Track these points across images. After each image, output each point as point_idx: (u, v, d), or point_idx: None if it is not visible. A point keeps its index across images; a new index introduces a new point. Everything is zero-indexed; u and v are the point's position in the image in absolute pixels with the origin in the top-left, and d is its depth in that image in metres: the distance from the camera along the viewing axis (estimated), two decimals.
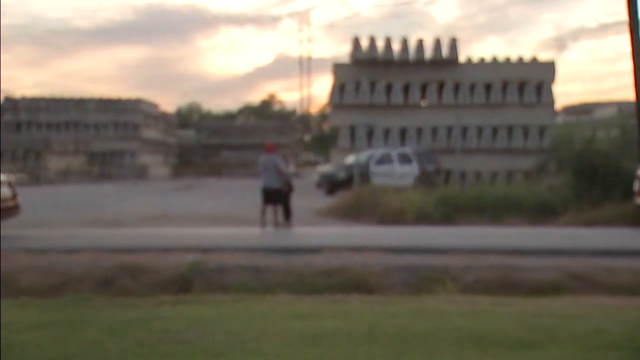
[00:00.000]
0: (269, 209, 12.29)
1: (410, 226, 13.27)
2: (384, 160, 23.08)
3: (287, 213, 12.27)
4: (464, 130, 28.28)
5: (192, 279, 7.46)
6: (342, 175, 22.69)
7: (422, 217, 14.12)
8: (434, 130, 28.67)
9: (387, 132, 28.46)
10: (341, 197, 17.16)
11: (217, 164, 52.52)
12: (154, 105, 51.55)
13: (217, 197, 22.63)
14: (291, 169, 12.95)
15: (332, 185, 22.56)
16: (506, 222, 13.54)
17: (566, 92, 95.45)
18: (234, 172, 48.62)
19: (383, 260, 8.20)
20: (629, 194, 12.59)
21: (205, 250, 8.95)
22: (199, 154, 56.03)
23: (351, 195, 16.47)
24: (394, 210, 14.23)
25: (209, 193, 25.12)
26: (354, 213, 15.15)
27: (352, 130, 28.34)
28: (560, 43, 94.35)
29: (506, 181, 23.82)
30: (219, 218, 14.87)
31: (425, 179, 21.92)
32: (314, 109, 74.22)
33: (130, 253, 8.75)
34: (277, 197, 12.07)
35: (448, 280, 7.30)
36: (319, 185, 23.49)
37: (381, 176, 22.01)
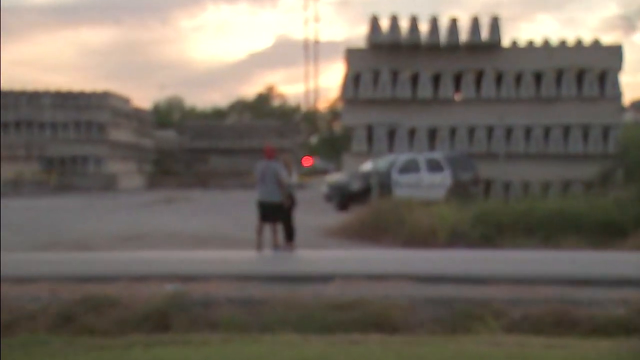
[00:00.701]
0: (267, 228, 12.46)
1: (442, 249, 13.40)
2: (409, 167, 23.36)
3: (289, 232, 12.45)
4: (509, 131, 28.22)
5: (171, 315, 7.54)
6: (357, 186, 22.95)
7: (457, 238, 14.24)
8: (471, 131, 28.65)
9: (412, 133, 28.52)
10: (356, 214, 17.34)
11: (204, 172, 52.70)
12: (125, 100, 51.80)
13: (203, 213, 22.85)
14: (294, 178, 13.10)
15: (345, 198, 22.92)
16: (562, 245, 13.62)
17: (636, 83, 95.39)
18: (225, 182, 48.80)
19: (409, 291, 8.27)
20: None
21: (188, 278, 9.05)
22: (181, 160, 56.36)
23: (369, 210, 16.55)
24: (421, 230, 14.37)
25: (193, 208, 25.37)
26: (372, 233, 15.28)
27: (370, 130, 28.39)
28: (628, 23, 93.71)
29: (561, 194, 23.91)
30: (205, 239, 15.02)
31: (460, 191, 22.18)
32: (323, 105, 74.92)
33: (96, 282, 8.82)
34: (277, 212, 12.25)
35: (490, 316, 7.37)
36: (329, 198, 23.88)
37: (405, 187, 22.30)
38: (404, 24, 28.58)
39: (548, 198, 19.70)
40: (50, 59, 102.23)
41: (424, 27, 28.60)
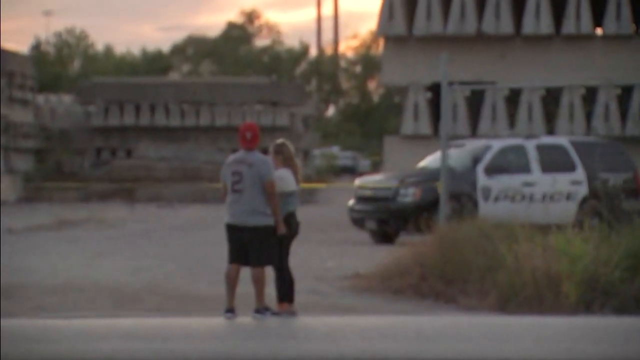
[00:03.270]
0: (246, 275, 12.34)
1: (575, 316, 13.35)
2: (509, 163, 23.21)
3: (285, 283, 12.48)
4: None
5: None
6: (411, 197, 22.72)
7: (600, 297, 13.90)
8: (626, 94, 28.48)
9: (512, 100, 28.62)
10: (410, 248, 16.93)
11: (127, 171, 51.67)
12: None
13: (128, 247, 23.28)
14: (292, 186, 12.50)
15: (389, 219, 22.78)
16: None
17: None
18: (165, 191, 48.12)
19: None
20: None
21: None
22: (85, 148, 55.27)
23: (434, 243, 16.23)
24: (533, 281, 14.11)
25: (110, 239, 25.54)
26: (440, 284, 15.21)
27: (435, 96, 27.86)
28: None
29: None
30: (131, 296, 15.32)
31: (604, 206, 20.70)
32: (347, 47, 72.68)
33: None
34: (265, 247, 12.23)
35: None
36: (360, 218, 23.71)
37: (502, 199, 22.25)
38: None
39: None
40: None
41: None
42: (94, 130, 56.05)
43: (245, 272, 12.45)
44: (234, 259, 12.37)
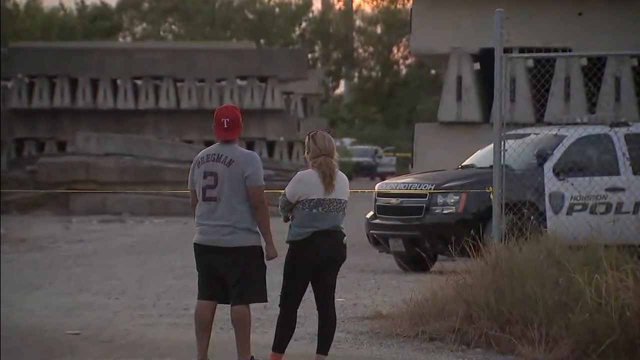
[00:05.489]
0: (223, 312, 12.88)
1: None
2: (588, 158, 23.21)
3: (331, 328, 12.81)
4: None
5: None
6: (451, 206, 23.17)
7: None
8: None
9: (592, 74, 29.43)
10: (450, 277, 16.64)
11: (61, 173, 51.64)
12: None
13: (58, 278, 23.29)
14: (317, 192, 12.73)
15: (421, 237, 23.05)
16: None
17: None
18: (113, 201, 48.84)
19: None
20: None
21: None
22: (2, 141, 56.61)
23: (484, 270, 16.13)
24: (624, 323, 14.18)
25: (33, 267, 25.76)
26: (492, 328, 15.15)
27: (484, 67, 29.27)
28: None
29: None
30: (61, 344, 15.24)
31: None
32: (363, 2, 72.51)
33: None
34: (248, 275, 12.35)
35: None
36: (380, 237, 23.80)
37: (578, 210, 22.50)
38: None
39: None
40: None
41: None
42: (12, 114, 56.37)
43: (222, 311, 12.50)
44: (207, 293, 12.36)
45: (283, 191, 12.53)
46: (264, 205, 12.28)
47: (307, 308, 14.01)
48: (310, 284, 12.83)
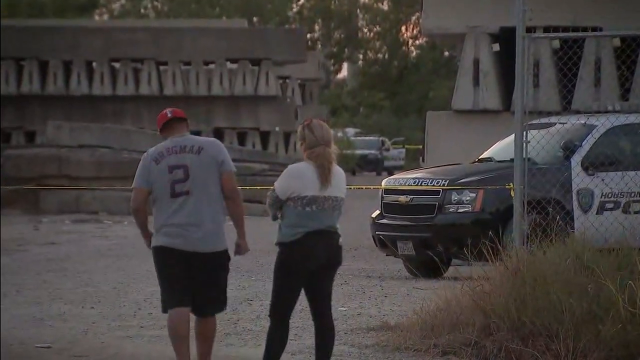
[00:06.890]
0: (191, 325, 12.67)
1: None
2: (620, 151, 23.31)
3: (330, 340, 12.81)
4: None
5: None
6: (467, 205, 23.24)
7: None
8: None
9: (625, 56, 30.01)
10: (466, 284, 16.48)
11: (30, 167, 52.73)
12: None
13: (26, 286, 23.74)
14: (311, 189, 12.69)
15: (433, 238, 23.10)
16: None
17: None
18: (88, 199, 50.08)
19: None
20: None
21: None
22: None
23: (504, 276, 15.95)
24: None
25: None
26: (514, 340, 15.11)
27: (504, 48, 29.24)
28: None
29: None
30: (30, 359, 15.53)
31: None
32: None
33: None
34: (221, 283, 12.76)
35: None
36: (388, 238, 23.92)
37: (610, 209, 22.63)
38: None
39: None
40: None
41: None
42: None
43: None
44: (177, 298, 12.43)
45: (272, 187, 12.40)
46: (238, 193, 12.44)
47: (305, 318, 13.93)
48: (303, 291, 12.71)
